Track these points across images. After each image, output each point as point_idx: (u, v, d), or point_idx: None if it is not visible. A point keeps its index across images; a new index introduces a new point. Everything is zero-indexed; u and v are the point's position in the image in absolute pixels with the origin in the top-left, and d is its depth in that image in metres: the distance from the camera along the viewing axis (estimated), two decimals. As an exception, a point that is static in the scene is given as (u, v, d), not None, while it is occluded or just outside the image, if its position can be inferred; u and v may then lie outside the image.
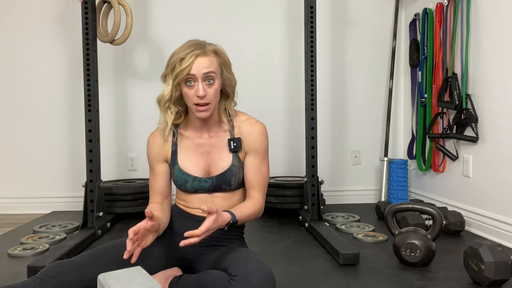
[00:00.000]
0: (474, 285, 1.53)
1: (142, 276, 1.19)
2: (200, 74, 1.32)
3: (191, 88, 1.33)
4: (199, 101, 1.33)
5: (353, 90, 3.07)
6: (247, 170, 1.44)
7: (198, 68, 1.31)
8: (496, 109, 2.10)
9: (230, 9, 2.98)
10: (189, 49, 1.32)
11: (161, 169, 1.47)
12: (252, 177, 1.44)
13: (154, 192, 1.47)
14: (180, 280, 1.33)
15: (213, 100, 1.36)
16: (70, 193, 2.92)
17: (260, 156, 1.45)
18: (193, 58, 1.31)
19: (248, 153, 1.45)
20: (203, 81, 1.33)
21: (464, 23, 2.32)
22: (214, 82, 1.35)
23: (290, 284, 1.58)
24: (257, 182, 1.44)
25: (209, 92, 1.34)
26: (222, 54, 1.39)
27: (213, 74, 1.33)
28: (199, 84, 1.32)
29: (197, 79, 1.32)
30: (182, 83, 1.34)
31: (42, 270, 1.28)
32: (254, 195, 1.43)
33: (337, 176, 3.08)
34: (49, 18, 2.91)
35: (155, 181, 1.47)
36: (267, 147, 1.47)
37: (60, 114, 2.94)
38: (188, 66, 1.30)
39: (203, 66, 1.32)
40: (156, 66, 2.94)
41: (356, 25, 3.05)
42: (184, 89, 1.35)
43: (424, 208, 1.80)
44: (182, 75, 1.31)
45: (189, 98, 1.35)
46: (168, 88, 1.35)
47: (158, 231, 1.30)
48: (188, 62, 1.30)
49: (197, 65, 1.31)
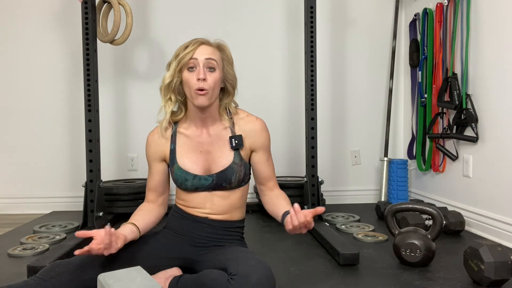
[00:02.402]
0: (474, 285, 1.53)
1: (142, 276, 1.19)
2: (202, 59, 1.36)
3: (193, 72, 1.37)
4: (199, 85, 1.35)
5: (353, 90, 3.07)
6: (260, 166, 1.49)
7: (201, 53, 1.37)
8: (496, 109, 2.10)
9: (230, 9, 2.98)
10: (194, 39, 1.41)
11: (158, 167, 1.49)
12: (267, 171, 1.51)
13: (149, 189, 1.52)
14: (180, 280, 1.33)
15: (212, 89, 1.38)
16: (70, 193, 2.92)
17: (267, 151, 1.51)
18: (197, 44, 1.38)
19: (256, 150, 1.49)
20: (204, 66, 1.37)
21: (464, 23, 2.32)
22: (215, 71, 1.39)
23: (290, 284, 1.58)
24: (272, 174, 1.52)
25: (209, 78, 1.37)
26: (226, 50, 1.45)
27: (214, 62, 1.38)
28: (200, 69, 1.36)
29: (199, 63, 1.37)
30: (184, 69, 1.38)
31: (42, 270, 1.29)
32: (273, 187, 1.52)
33: (337, 176, 3.09)
34: (49, 18, 2.91)
35: (151, 179, 1.51)
36: (270, 141, 1.53)
37: (60, 114, 2.94)
38: (191, 50, 1.37)
39: (206, 52, 1.38)
40: (156, 66, 2.94)
41: (356, 25, 3.05)
42: (185, 75, 1.38)
43: (424, 208, 1.80)
44: (185, 59, 1.36)
45: (190, 84, 1.37)
46: (170, 72, 1.40)
47: (126, 240, 1.33)
48: (191, 47, 1.37)
49: (200, 50, 1.38)
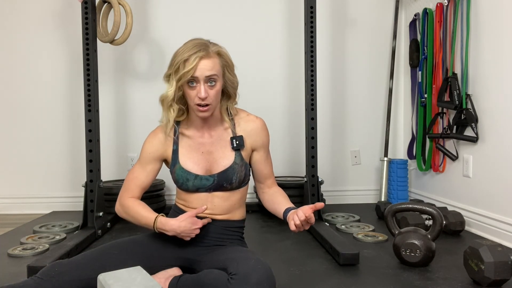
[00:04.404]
0: (474, 285, 1.53)
1: (142, 276, 1.19)
2: (203, 76, 1.34)
3: (193, 89, 1.36)
4: (200, 102, 1.35)
5: (353, 90, 3.07)
6: (260, 164, 1.52)
7: (201, 71, 1.33)
8: (496, 109, 2.10)
9: (230, 9, 2.98)
10: (193, 50, 1.33)
11: (154, 167, 1.49)
12: (266, 169, 1.54)
13: (137, 186, 1.47)
14: (180, 280, 1.33)
15: (214, 101, 1.38)
16: (70, 193, 2.92)
17: (267, 149, 1.54)
18: (197, 60, 1.32)
19: (257, 149, 1.50)
20: (205, 82, 1.35)
21: (464, 23, 2.32)
22: (216, 84, 1.37)
23: (290, 284, 1.58)
24: (271, 173, 1.56)
25: (210, 93, 1.36)
26: (225, 55, 1.41)
27: (215, 76, 1.36)
28: (201, 86, 1.34)
29: (200, 81, 1.34)
30: (184, 84, 1.36)
31: (42, 270, 1.29)
32: (271, 184, 1.56)
33: (337, 176, 3.09)
34: (49, 18, 2.91)
35: (144, 177, 1.48)
36: (269, 139, 1.54)
37: (60, 114, 2.94)
38: (192, 68, 1.32)
39: (206, 69, 1.34)
40: (156, 66, 2.94)
41: (356, 25, 3.05)
42: (186, 89, 1.37)
43: (424, 208, 1.80)
44: (185, 78, 1.33)
45: (191, 99, 1.37)
46: (172, 89, 1.37)
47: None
48: (192, 64, 1.32)
49: (200, 67, 1.33)
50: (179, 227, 1.37)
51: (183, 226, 1.37)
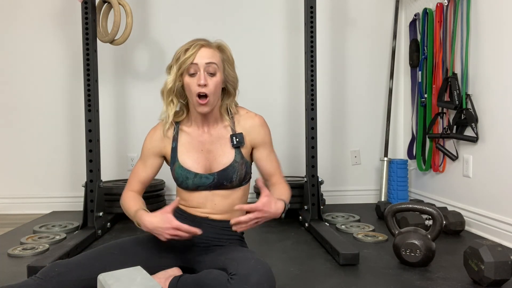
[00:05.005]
0: (474, 285, 1.53)
1: (142, 276, 1.19)
2: (203, 63, 1.36)
3: (193, 77, 1.37)
4: (200, 90, 1.36)
5: (353, 90, 3.07)
6: (262, 162, 1.50)
7: (201, 58, 1.36)
8: (496, 109, 2.10)
9: (230, 9, 2.98)
10: (194, 41, 1.39)
11: (154, 162, 1.50)
12: (269, 166, 1.51)
13: (137, 180, 1.51)
14: (180, 280, 1.33)
15: (213, 94, 1.39)
16: (70, 193, 2.92)
17: (268, 146, 1.51)
18: (197, 48, 1.37)
19: (257, 146, 1.49)
20: (205, 71, 1.37)
21: (464, 23, 2.32)
22: (216, 75, 1.38)
23: (290, 284, 1.58)
24: (275, 169, 1.52)
25: (210, 83, 1.37)
26: (226, 50, 1.44)
27: (215, 66, 1.38)
28: (201, 73, 1.36)
29: (199, 68, 1.36)
30: (185, 73, 1.38)
31: (42, 270, 1.29)
32: (277, 180, 1.51)
33: (337, 176, 3.09)
34: (49, 18, 2.91)
35: (144, 172, 1.51)
36: (271, 136, 1.53)
37: (60, 114, 2.94)
38: (192, 55, 1.35)
39: (206, 56, 1.37)
40: (156, 66, 2.93)
41: (356, 25, 3.05)
42: (186, 79, 1.38)
43: (424, 208, 1.80)
44: (186, 64, 1.36)
45: (191, 88, 1.38)
46: (171, 77, 1.39)
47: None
48: (192, 51, 1.36)
49: (200, 54, 1.37)
50: (151, 223, 1.31)
51: (155, 222, 1.31)
